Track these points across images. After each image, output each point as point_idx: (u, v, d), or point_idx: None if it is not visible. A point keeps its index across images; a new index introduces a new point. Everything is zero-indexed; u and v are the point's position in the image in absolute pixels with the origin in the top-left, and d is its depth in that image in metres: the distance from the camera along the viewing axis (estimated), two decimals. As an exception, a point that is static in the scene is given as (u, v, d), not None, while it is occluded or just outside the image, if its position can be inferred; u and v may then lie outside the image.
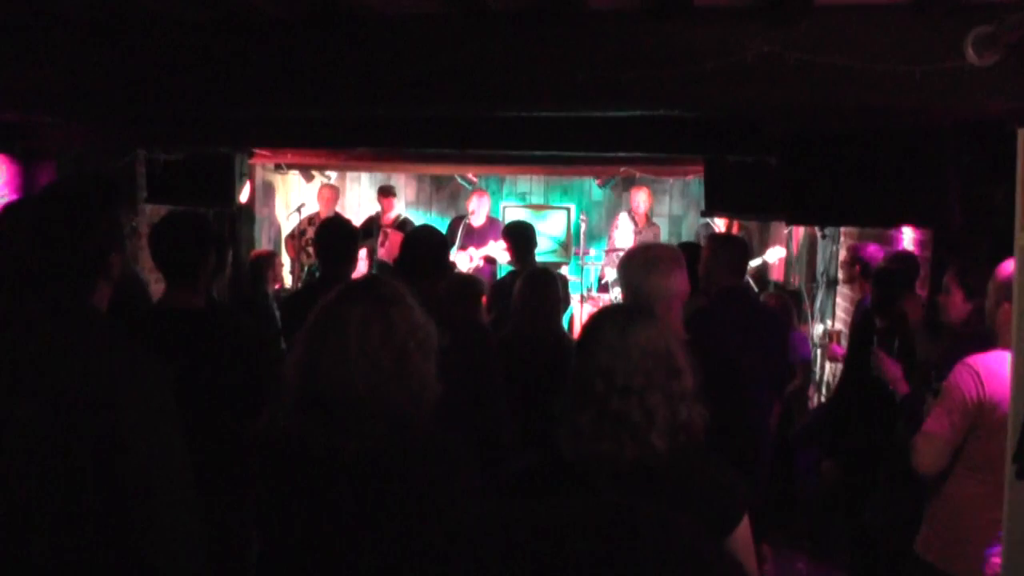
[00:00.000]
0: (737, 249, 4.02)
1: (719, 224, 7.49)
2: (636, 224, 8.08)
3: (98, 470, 1.64)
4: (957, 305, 3.21)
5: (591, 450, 1.79)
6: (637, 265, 2.70)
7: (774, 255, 7.31)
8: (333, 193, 8.39)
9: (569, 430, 1.83)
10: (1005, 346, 2.54)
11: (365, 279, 2.06)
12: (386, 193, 8.56)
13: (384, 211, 8.40)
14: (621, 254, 7.47)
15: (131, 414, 1.68)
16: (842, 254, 5.84)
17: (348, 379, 1.78)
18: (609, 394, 1.79)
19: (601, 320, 1.93)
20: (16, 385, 1.69)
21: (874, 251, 4.98)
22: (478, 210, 7.95)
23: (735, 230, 7.55)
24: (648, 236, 7.97)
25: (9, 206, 2.00)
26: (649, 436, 1.76)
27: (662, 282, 2.62)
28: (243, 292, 6.38)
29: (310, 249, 7.68)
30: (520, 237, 5.20)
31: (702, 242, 6.16)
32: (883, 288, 3.94)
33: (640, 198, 8.15)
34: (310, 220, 8.02)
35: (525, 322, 3.84)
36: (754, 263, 7.06)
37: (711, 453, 1.88)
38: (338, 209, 9.67)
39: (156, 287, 5.07)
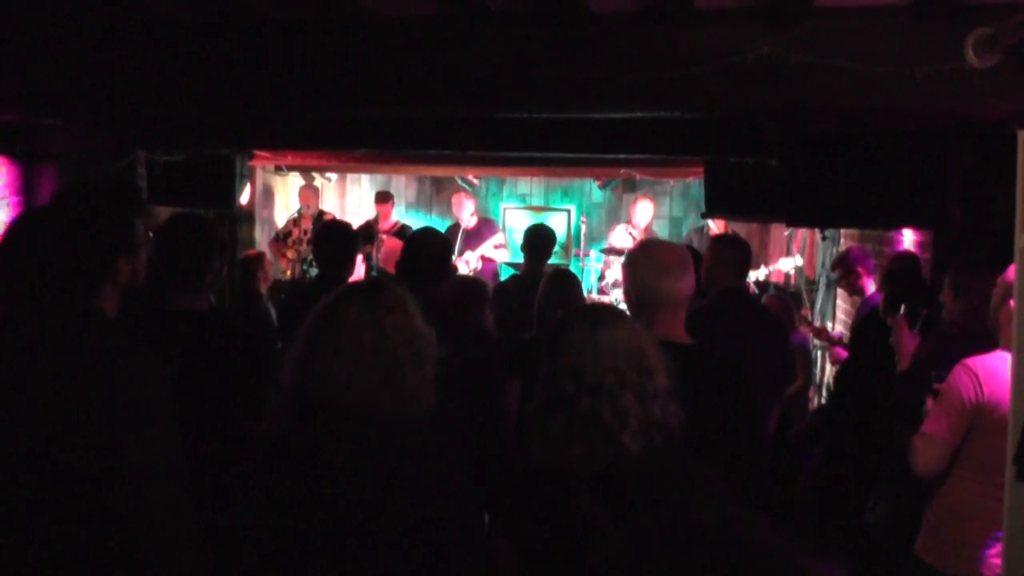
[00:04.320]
0: (741, 251, 4.02)
1: (713, 227, 7.40)
2: (634, 239, 8.00)
3: (94, 470, 1.65)
4: (947, 305, 3.22)
5: (562, 454, 1.74)
6: (646, 267, 2.55)
7: (788, 264, 7.10)
8: (313, 192, 8.32)
9: (539, 433, 1.79)
10: (1005, 347, 2.54)
11: (367, 283, 2.00)
12: (383, 199, 8.17)
13: (382, 217, 8.06)
14: (622, 254, 7.55)
15: (127, 415, 1.68)
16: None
17: (337, 386, 1.74)
18: (579, 395, 1.75)
19: (570, 321, 1.88)
20: (15, 385, 1.70)
21: (857, 253, 5.00)
22: (462, 213, 7.94)
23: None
24: None
25: (24, 212, 2.02)
26: (621, 438, 1.72)
27: (672, 287, 2.47)
28: (238, 294, 6.38)
29: (299, 248, 7.68)
30: (536, 239, 5.21)
31: (694, 244, 6.15)
32: (893, 288, 3.94)
33: (643, 210, 7.87)
34: (294, 222, 7.99)
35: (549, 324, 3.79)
36: (759, 273, 6.99)
37: (691, 454, 1.82)
38: (337, 211, 9.67)
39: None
